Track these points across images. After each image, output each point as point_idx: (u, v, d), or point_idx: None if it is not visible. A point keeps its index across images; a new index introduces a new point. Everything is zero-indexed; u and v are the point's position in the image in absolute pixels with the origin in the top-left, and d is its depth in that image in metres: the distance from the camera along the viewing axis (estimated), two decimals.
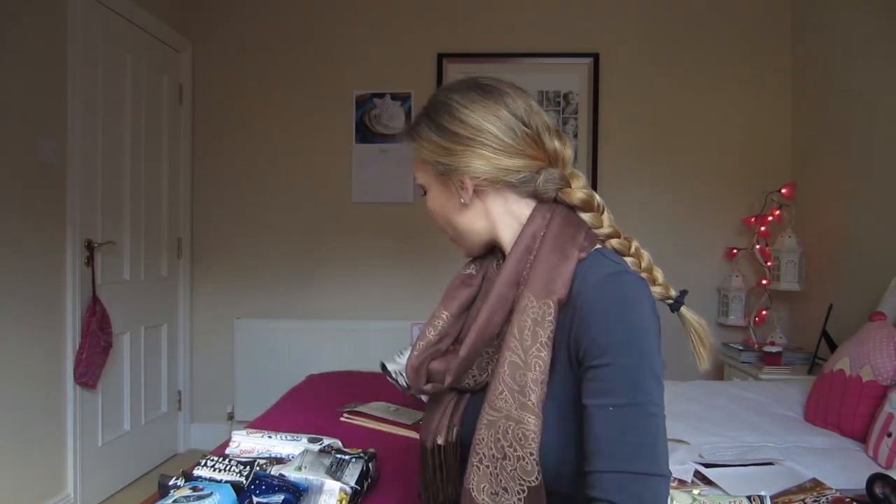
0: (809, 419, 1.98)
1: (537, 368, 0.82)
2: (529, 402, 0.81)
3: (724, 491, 1.36)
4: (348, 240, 3.36)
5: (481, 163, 0.89)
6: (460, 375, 0.92)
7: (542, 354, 0.82)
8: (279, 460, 1.35)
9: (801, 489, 1.33)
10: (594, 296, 0.81)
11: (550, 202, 0.93)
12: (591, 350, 0.80)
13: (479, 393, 0.92)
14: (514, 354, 0.83)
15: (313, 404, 2.03)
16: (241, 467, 1.15)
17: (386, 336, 3.17)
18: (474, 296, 0.97)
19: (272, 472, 1.17)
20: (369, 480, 1.32)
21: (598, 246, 0.89)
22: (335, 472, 1.24)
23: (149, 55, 3.00)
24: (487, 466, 0.84)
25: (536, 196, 0.93)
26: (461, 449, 0.93)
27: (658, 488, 0.76)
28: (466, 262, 1.02)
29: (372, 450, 1.37)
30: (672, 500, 1.00)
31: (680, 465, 1.52)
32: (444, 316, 0.97)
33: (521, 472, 0.81)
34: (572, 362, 0.83)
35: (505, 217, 0.94)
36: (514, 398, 0.82)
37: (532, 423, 0.80)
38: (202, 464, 1.16)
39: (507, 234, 0.94)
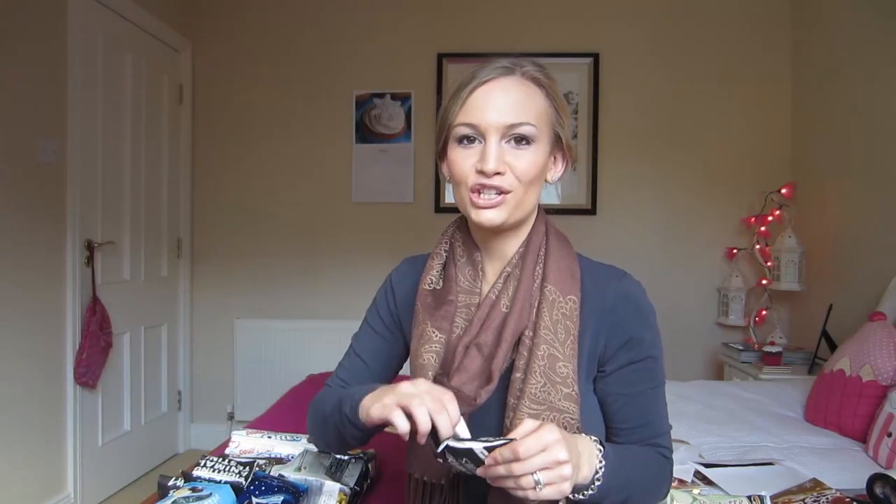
0: (809, 419, 1.98)
1: (574, 360, 0.86)
2: (573, 393, 0.85)
3: (724, 491, 1.36)
4: (348, 240, 3.36)
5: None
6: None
7: (576, 346, 0.87)
8: (279, 461, 1.35)
9: (801, 489, 1.34)
10: (624, 299, 0.89)
11: None
12: (630, 345, 0.88)
13: (479, 409, 0.86)
14: (552, 347, 0.85)
15: None
16: (241, 468, 1.15)
17: None
18: (454, 311, 0.92)
19: (272, 473, 1.17)
20: (369, 481, 1.32)
21: None
22: (335, 472, 1.24)
23: (149, 55, 3.00)
24: None
25: None
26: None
27: None
28: (423, 279, 0.98)
29: (372, 450, 1.37)
30: (672, 500, 1.01)
31: (680, 465, 1.52)
32: (440, 339, 0.90)
33: None
34: (592, 354, 0.89)
35: (535, 211, 0.95)
36: (557, 389, 0.84)
37: (576, 412, 0.85)
38: (201, 464, 1.16)
39: (527, 227, 0.94)
